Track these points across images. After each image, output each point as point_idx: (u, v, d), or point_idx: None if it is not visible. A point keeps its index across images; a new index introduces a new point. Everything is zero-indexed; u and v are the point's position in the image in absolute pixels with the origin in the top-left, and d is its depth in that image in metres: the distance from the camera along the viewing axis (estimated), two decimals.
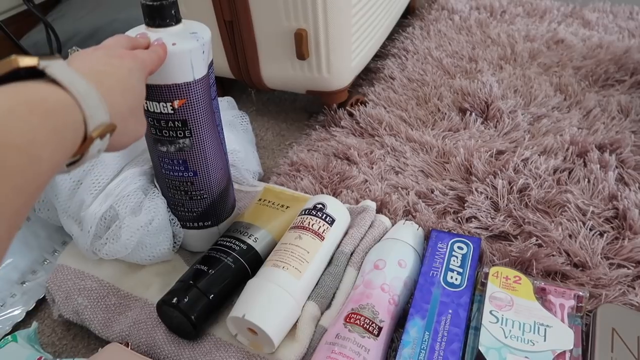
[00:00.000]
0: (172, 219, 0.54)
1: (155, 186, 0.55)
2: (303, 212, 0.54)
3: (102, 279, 0.54)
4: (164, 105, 0.45)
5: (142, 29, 0.45)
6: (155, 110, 0.46)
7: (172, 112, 0.46)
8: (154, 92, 0.44)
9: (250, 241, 0.52)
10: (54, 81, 0.27)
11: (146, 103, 0.45)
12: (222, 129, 0.53)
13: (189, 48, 0.43)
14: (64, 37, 0.92)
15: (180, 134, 0.47)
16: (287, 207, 0.58)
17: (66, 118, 0.26)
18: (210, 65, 0.47)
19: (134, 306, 0.51)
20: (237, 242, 0.52)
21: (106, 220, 0.51)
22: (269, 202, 0.59)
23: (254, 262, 0.51)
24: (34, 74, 0.27)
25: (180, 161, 0.49)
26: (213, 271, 0.49)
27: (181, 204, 0.52)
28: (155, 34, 0.44)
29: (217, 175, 0.52)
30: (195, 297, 0.47)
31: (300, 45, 0.67)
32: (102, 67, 0.33)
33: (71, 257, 0.55)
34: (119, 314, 0.51)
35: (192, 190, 0.51)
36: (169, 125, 0.46)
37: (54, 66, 0.27)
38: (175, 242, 0.55)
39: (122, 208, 0.51)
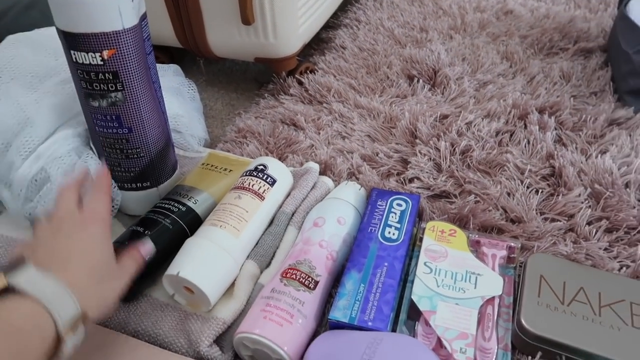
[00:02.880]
0: None
1: (91, 149, 0.53)
2: (244, 174, 0.54)
3: None
4: (93, 55, 0.44)
5: None
6: (84, 62, 0.44)
7: (102, 63, 0.44)
8: (82, 41, 0.43)
9: (190, 203, 0.52)
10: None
11: (74, 54, 0.44)
12: (160, 87, 0.51)
13: None
14: (3, 7, 0.88)
15: (111, 87, 0.46)
16: (230, 170, 0.57)
17: (33, 331, 0.30)
18: (144, 17, 0.46)
19: None
20: (176, 204, 0.51)
21: (37, 183, 0.50)
22: (213, 166, 0.58)
23: (194, 224, 0.51)
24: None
25: (114, 117, 0.47)
26: (150, 232, 0.48)
27: (117, 164, 0.51)
28: None
29: (154, 132, 0.50)
30: None
31: (245, 10, 0.66)
32: (66, 252, 0.35)
33: (3, 225, 0.53)
34: None
35: (128, 148, 0.50)
36: (100, 77, 0.45)
37: (22, 281, 0.31)
38: (113, 206, 0.54)
39: (54, 170, 0.50)
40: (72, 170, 0.50)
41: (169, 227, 0.49)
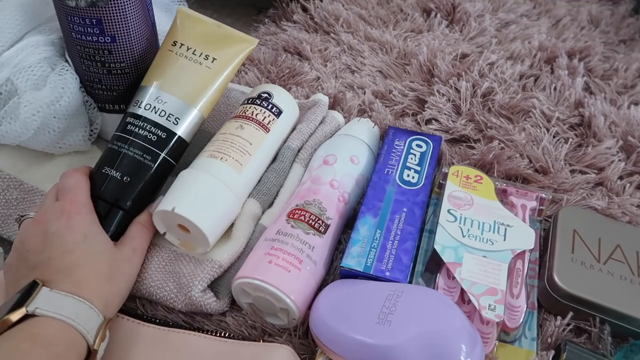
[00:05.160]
0: (87, 101, 0.45)
1: (67, 60, 0.45)
2: (246, 102, 0.47)
3: (1, 169, 0.45)
4: None
5: None
6: None
7: None
8: None
9: (170, 125, 0.41)
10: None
11: None
12: None
13: None
14: None
15: None
16: (214, 59, 0.43)
17: (67, 345, 0.30)
18: None
19: (40, 202, 0.44)
20: (153, 129, 0.40)
21: (2, 96, 0.42)
22: (187, 48, 0.43)
23: (181, 153, 0.42)
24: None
25: (94, 21, 0.40)
26: (129, 178, 0.39)
27: (97, 80, 0.44)
28: None
29: (141, 44, 0.43)
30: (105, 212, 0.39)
31: None
32: (69, 262, 0.34)
33: None
34: (21, 211, 0.43)
35: (110, 61, 0.42)
36: None
37: (39, 304, 0.31)
38: (92, 130, 0.47)
39: (22, 81, 0.42)
40: (44, 83, 0.43)
41: (150, 166, 0.40)
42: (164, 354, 0.35)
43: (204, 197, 0.39)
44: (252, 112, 0.45)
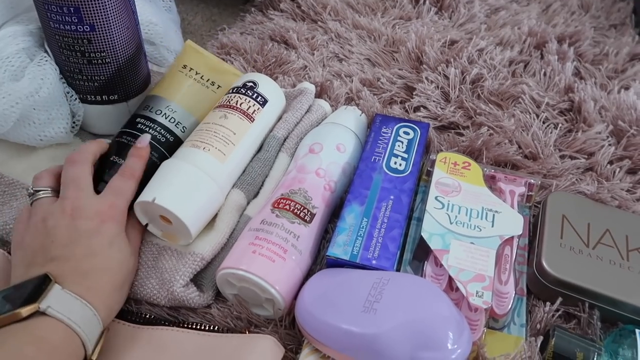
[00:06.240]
0: (69, 92, 0.44)
1: (46, 51, 0.44)
2: (231, 91, 0.46)
3: None
4: None
5: None
6: None
7: None
8: None
9: (177, 131, 0.43)
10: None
11: None
12: None
13: None
14: None
15: None
16: (219, 86, 0.48)
17: (68, 350, 0.30)
18: None
19: (22, 195, 0.43)
20: (162, 131, 0.43)
21: None
22: (196, 73, 0.47)
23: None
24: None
25: (72, 9, 0.39)
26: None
27: (78, 70, 0.43)
28: None
29: (121, 33, 0.42)
30: None
31: None
32: (87, 265, 0.33)
33: None
34: (3, 204, 0.42)
35: (90, 50, 0.41)
36: None
37: (52, 302, 0.30)
38: (74, 122, 0.46)
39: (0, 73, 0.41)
40: (23, 74, 0.42)
41: (156, 163, 0.41)
42: (149, 352, 0.35)
43: (185, 188, 0.38)
44: (237, 101, 0.45)
